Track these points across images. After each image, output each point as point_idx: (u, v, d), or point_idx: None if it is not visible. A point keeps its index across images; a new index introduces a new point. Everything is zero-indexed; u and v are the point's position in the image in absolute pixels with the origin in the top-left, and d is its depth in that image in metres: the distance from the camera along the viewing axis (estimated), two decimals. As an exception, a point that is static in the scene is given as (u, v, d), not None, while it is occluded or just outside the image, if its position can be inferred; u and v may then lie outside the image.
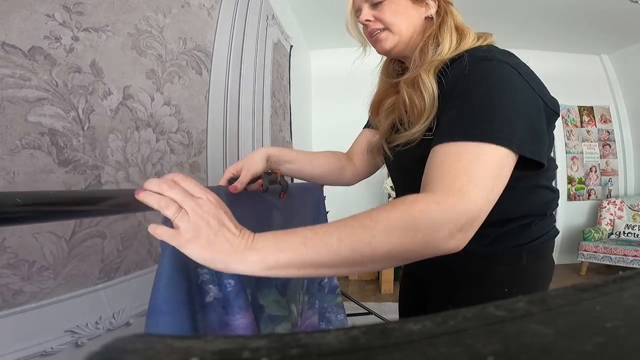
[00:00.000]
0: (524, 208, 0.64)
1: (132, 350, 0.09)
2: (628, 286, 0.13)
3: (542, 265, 0.68)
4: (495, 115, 0.50)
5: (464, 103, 0.53)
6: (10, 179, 0.78)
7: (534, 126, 0.52)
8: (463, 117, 0.52)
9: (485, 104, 0.51)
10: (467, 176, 0.46)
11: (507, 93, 0.52)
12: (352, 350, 0.10)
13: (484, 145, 0.48)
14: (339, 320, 1.22)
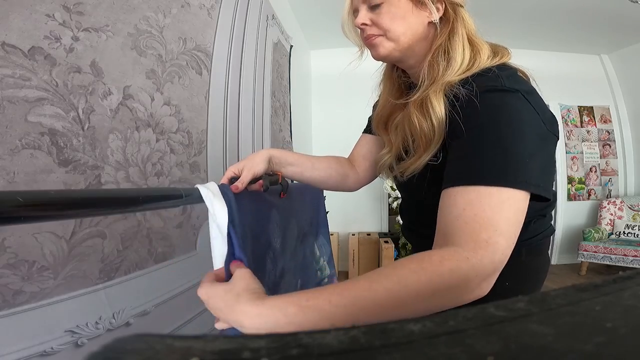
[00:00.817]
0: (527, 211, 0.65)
1: (132, 350, 0.09)
2: (628, 286, 0.13)
3: (539, 261, 0.71)
4: (512, 158, 0.48)
5: (477, 142, 0.51)
6: (10, 179, 0.78)
7: (544, 161, 0.52)
8: (478, 159, 0.50)
9: (500, 144, 0.50)
10: (493, 227, 0.45)
11: (519, 131, 0.50)
12: (352, 350, 0.10)
13: (506, 190, 0.47)
14: (339, 320, 1.22)
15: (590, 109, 4.03)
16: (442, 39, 0.61)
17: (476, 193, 0.47)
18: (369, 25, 0.65)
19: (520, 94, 0.53)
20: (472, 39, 0.62)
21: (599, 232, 3.52)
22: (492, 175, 0.48)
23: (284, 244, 0.92)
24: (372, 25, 0.65)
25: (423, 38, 0.64)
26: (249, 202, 0.75)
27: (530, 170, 0.49)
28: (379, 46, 0.65)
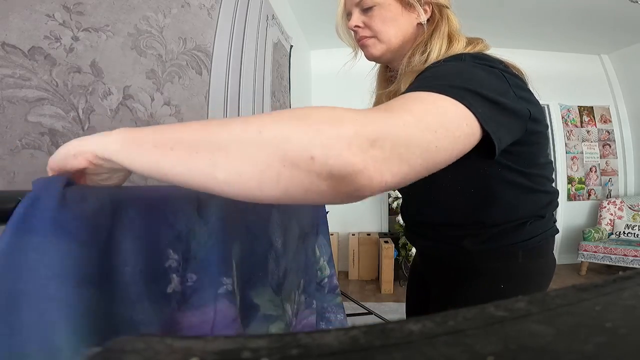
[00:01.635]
0: (520, 212, 0.63)
1: (132, 350, 0.09)
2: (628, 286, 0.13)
3: (540, 263, 0.68)
4: (456, 79, 0.44)
5: (424, 75, 0.51)
6: (10, 179, 0.78)
7: (498, 109, 0.46)
8: (419, 81, 0.47)
9: (448, 73, 0.48)
10: (400, 106, 0.37)
11: (475, 72, 0.48)
12: (352, 350, 0.10)
13: (434, 94, 0.40)
14: (338, 320, 1.22)
15: (590, 109, 4.04)
16: (423, 36, 0.64)
17: (419, 93, 0.41)
18: (361, 27, 0.67)
19: (482, 62, 0.52)
20: (452, 34, 0.64)
21: (599, 232, 3.52)
22: (425, 86, 0.42)
23: (286, 243, 0.91)
24: (364, 28, 0.67)
25: (412, 39, 0.66)
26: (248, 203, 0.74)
27: (472, 95, 0.42)
28: (371, 47, 0.68)
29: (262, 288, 0.76)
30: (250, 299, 0.72)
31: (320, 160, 0.29)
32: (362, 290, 3.20)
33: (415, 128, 0.35)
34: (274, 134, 0.30)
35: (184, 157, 0.31)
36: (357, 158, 0.30)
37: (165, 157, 0.32)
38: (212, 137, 0.32)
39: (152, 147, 0.33)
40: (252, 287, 0.73)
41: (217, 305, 0.50)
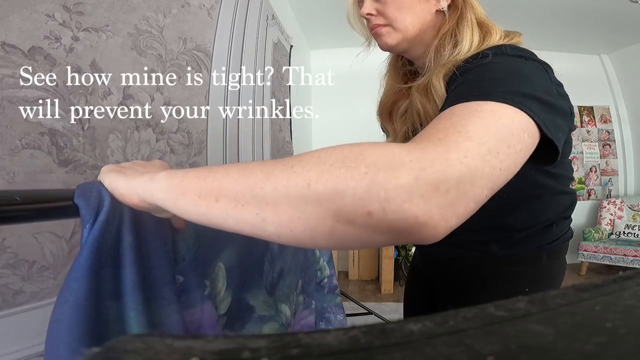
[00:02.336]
0: (548, 214, 0.62)
1: (132, 350, 0.09)
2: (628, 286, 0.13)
3: (558, 265, 0.67)
4: (511, 84, 0.40)
5: (471, 77, 0.45)
6: (10, 179, 0.78)
7: (552, 110, 0.41)
8: (468, 85, 0.43)
9: (495, 73, 0.44)
10: (456, 129, 0.32)
11: (525, 70, 0.45)
12: (352, 350, 0.10)
13: (490, 103, 0.36)
14: (338, 321, 1.22)
15: (590, 109, 4.04)
16: (449, 25, 0.59)
17: (450, 109, 0.37)
18: (374, 15, 0.62)
19: (525, 58, 0.49)
20: (482, 22, 0.60)
21: (599, 232, 3.52)
22: (477, 93, 0.38)
23: (283, 245, 0.91)
24: (377, 15, 0.62)
25: (431, 27, 0.61)
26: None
27: (530, 99, 0.38)
28: (385, 36, 0.63)
29: (257, 290, 0.77)
30: (247, 301, 0.72)
31: (379, 216, 0.26)
32: (362, 290, 3.20)
33: (477, 156, 0.30)
34: (325, 187, 0.27)
35: (231, 210, 0.30)
36: (420, 210, 0.26)
37: (211, 209, 0.31)
38: (257, 190, 0.29)
39: (197, 197, 0.31)
40: (248, 289, 0.73)
41: (204, 307, 0.50)
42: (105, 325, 0.36)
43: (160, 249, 0.43)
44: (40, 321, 0.84)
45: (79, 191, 0.35)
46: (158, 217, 0.43)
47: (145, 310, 0.38)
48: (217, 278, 0.60)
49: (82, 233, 0.34)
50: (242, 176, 0.30)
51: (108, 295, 0.36)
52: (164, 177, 0.34)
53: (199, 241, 0.54)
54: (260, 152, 2.13)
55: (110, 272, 0.36)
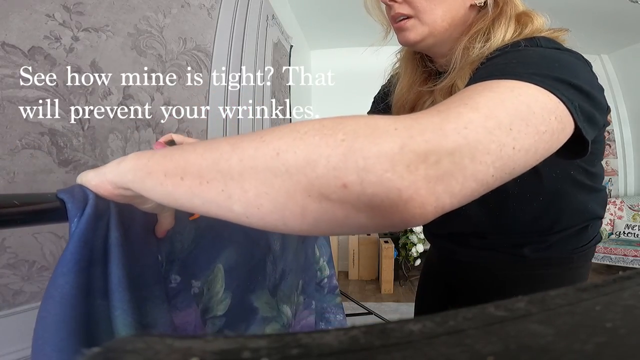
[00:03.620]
0: (582, 215, 0.59)
1: (132, 350, 0.09)
2: (628, 286, 0.13)
3: (586, 267, 0.65)
4: (542, 67, 0.36)
5: (496, 61, 0.41)
6: (10, 179, 0.78)
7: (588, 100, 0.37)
8: (491, 67, 0.40)
9: (526, 56, 0.39)
10: (462, 102, 0.28)
11: (561, 57, 0.40)
12: (352, 350, 0.10)
13: (511, 81, 0.32)
14: (338, 321, 1.22)
15: (590, 109, 4.04)
16: (485, 22, 0.51)
17: (489, 82, 0.32)
18: (398, 2, 0.52)
19: (562, 50, 0.44)
20: (523, 13, 0.53)
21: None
22: (502, 72, 0.34)
23: (284, 245, 0.91)
24: (402, 3, 0.52)
25: (462, 22, 0.53)
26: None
27: (561, 83, 0.34)
28: (410, 31, 0.53)
29: (261, 291, 0.77)
30: (251, 302, 0.73)
31: (356, 189, 0.23)
32: (362, 290, 3.20)
33: (481, 128, 0.26)
34: (295, 156, 0.24)
35: (196, 187, 0.27)
36: (404, 181, 0.23)
37: (177, 187, 0.28)
38: (222, 163, 0.26)
39: (163, 176, 0.29)
40: (252, 291, 0.73)
41: (193, 307, 0.50)
42: (92, 324, 0.35)
43: (149, 247, 0.43)
44: (40, 321, 0.84)
45: (63, 189, 0.34)
46: (146, 215, 0.42)
47: (132, 310, 0.37)
48: (215, 279, 0.60)
49: (69, 227, 0.33)
50: (208, 150, 0.27)
51: (95, 292, 0.35)
52: (131, 158, 0.32)
53: (196, 242, 0.54)
54: (260, 152, 2.13)
55: (97, 269, 0.35)
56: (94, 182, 0.34)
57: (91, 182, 0.34)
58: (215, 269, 0.60)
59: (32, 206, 0.34)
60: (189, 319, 0.48)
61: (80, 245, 0.33)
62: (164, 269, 0.45)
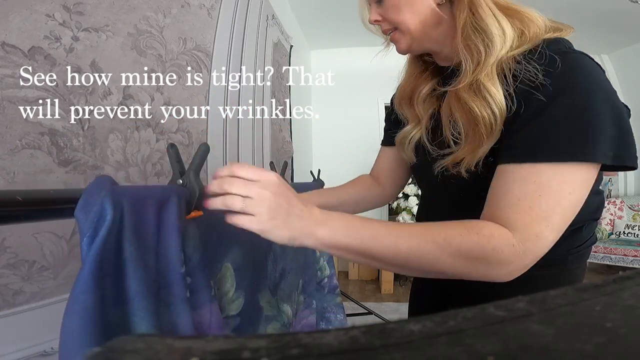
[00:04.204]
0: (580, 216, 0.59)
1: (132, 350, 0.09)
2: (628, 286, 0.13)
3: (581, 268, 0.66)
4: (586, 127, 0.43)
5: (551, 115, 0.45)
6: (10, 179, 0.78)
7: (624, 129, 0.45)
8: (549, 134, 0.45)
9: (578, 115, 0.44)
10: (546, 221, 0.44)
11: (599, 98, 0.45)
12: (352, 350, 0.10)
13: (567, 166, 0.44)
14: (338, 320, 1.23)
15: (590, 109, 4.03)
16: (463, 17, 0.54)
17: (536, 174, 0.44)
18: (380, 20, 0.62)
19: (591, 60, 0.49)
20: (506, 7, 0.54)
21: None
22: (557, 151, 0.43)
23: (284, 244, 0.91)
24: (383, 20, 0.62)
25: (437, 22, 0.58)
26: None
27: (606, 141, 0.43)
28: (398, 42, 0.62)
29: (264, 290, 0.77)
30: (258, 301, 0.73)
31: (493, 277, 0.47)
32: (362, 290, 3.20)
33: (553, 238, 0.46)
34: (456, 268, 0.46)
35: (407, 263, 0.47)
36: (505, 278, 0.47)
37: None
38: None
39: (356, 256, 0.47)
40: (258, 290, 0.73)
41: (212, 307, 0.50)
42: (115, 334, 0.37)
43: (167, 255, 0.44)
44: (40, 321, 0.84)
45: (81, 203, 0.37)
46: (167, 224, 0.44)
47: (150, 316, 0.39)
48: (224, 278, 0.60)
49: (81, 245, 0.36)
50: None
51: (114, 303, 0.38)
52: (325, 239, 0.45)
53: (204, 242, 0.54)
54: (260, 152, 2.13)
55: (113, 282, 0.38)
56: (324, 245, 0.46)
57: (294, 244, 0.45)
58: (223, 268, 0.60)
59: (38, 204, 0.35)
60: (204, 319, 0.49)
61: (97, 266, 0.35)
62: (184, 270, 0.45)
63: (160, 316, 0.41)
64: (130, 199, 0.40)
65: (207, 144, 0.52)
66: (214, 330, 0.49)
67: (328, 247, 0.44)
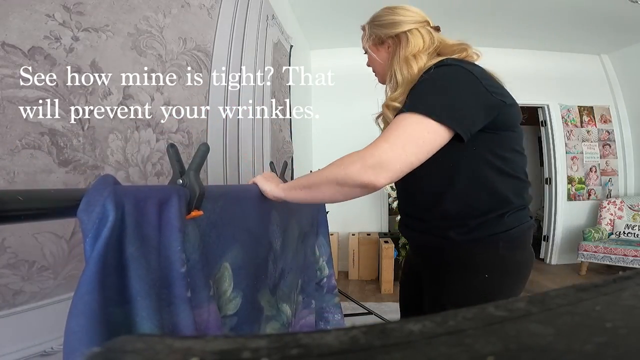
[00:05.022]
0: (502, 202, 0.72)
1: (132, 350, 0.09)
2: (628, 286, 0.13)
3: (521, 254, 0.74)
4: (424, 95, 0.67)
5: (410, 94, 0.71)
6: (10, 179, 0.78)
7: (464, 105, 0.66)
8: (409, 97, 0.70)
9: (422, 90, 0.69)
10: (382, 137, 0.64)
11: (442, 82, 0.68)
12: (352, 350, 0.10)
13: (406, 114, 0.65)
14: (336, 320, 1.23)
15: (590, 109, 4.03)
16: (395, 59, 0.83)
17: (397, 119, 0.66)
18: (368, 64, 0.92)
19: (458, 65, 0.69)
20: (411, 56, 0.80)
21: (599, 232, 3.52)
22: (408, 106, 0.66)
23: (284, 244, 0.91)
24: (372, 67, 0.91)
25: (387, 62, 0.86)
26: (251, 205, 0.75)
27: (434, 104, 0.65)
28: (379, 81, 0.92)
29: (264, 290, 0.77)
30: (258, 301, 0.73)
31: (352, 182, 0.64)
32: (362, 290, 3.20)
33: (390, 152, 0.63)
34: (334, 177, 0.66)
35: (307, 193, 0.72)
36: (364, 178, 0.63)
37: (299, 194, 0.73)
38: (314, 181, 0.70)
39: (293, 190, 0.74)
40: (258, 290, 0.73)
41: (210, 307, 0.50)
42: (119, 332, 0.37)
43: (168, 255, 0.44)
44: (40, 321, 0.84)
45: (83, 204, 0.37)
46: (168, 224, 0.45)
47: (152, 315, 0.39)
48: (222, 278, 0.60)
49: (84, 246, 0.37)
50: (311, 177, 0.72)
51: (118, 304, 0.38)
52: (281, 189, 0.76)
53: (204, 241, 0.54)
54: (260, 152, 2.13)
55: (116, 282, 0.38)
56: (270, 195, 0.77)
57: (268, 194, 0.77)
58: (221, 268, 0.60)
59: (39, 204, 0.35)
60: (201, 319, 0.49)
61: (100, 266, 0.36)
62: (185, 269, 0.45)
63: (163, 316, 0.42)
64: (131, 199, 0.40)
65: (207, 144, 0.52)
66: (212, 330, 0.49)
67: (284, 196, 0.74)
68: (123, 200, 0.39)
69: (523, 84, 3.94)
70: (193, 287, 0.48)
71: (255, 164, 2.03)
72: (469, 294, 0.72)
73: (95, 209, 0.37)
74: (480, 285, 0.72)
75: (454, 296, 0.75)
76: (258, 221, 0.77)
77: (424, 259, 0.85)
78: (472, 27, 3.32)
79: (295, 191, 0.72)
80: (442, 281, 0.77)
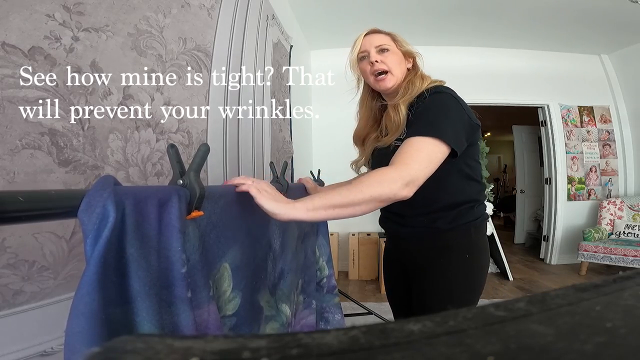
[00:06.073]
0: (464, 195, 0.93)
1: (132, 350, 0.09)
2: (628, 286, 0.13)
3: (483, 240, 0.97)
4: (437, 123, 0.81)
5: (423, 118, 0.85)
6: (10, 179, 0.78)
7: (458, 130, 0.84)
8: (420, 124, 0.83)
9: (433, 117, 0.83)
10: (411, 158, 0.77)
11: (445, 110, 0.84)
12: (352, 350, 0.10)
13: (425, 138, 0.79)
14: (336, 320, 1.23)
15: (590, 109, 4.03)
16: (411, 76, 0.98)
17: (412, 140, 0.80)
18: (379, 62, 0.96)
19: (450, 94, 0.88)
20: (423, 75, 0.98)
21: (599, 232, 3.52)
22: (422, 131, 0.80)
23: (284, 244, 0.91)
24: (381, 62, 0.96)
25: (404, 77, 0.99)
26: (249, 205, 0.74)
27: (446, 131, 0.80)
28: (387, 81, 0.97)
29: (264, 290, 0.77)
30: (258, 302, 0.73)
31: (394, 198, 0.73)
32: (362, 290, 3.20)
33: (419, 171, 0.76)
34: (378, 195, 0.71)
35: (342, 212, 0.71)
36: (403, 193, 0.73)
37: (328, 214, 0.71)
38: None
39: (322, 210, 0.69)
40: (257, 290, 0.73)
41: (210, 307, 0.50)
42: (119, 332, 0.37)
43: (169, 255, 0.44)
44: (40, 321, 0.84)
45: (84, 204, 0.37)
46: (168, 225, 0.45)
47: (152, 315, 0.39)
48: (221, 278, 0.60)
49: (84, 247, 0.37)
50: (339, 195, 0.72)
51: (118, 305, 0.38)
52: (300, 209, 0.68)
53: (204, 241, 0.54)
54: (261, 152, 2.13)
55: (116, 282, 0.38)
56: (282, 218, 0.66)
57: (279, 217, 0.66)
58: (221, 268, 0.60)
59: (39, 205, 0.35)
60: (201, 320, 0.49)
61: (101, 266, 0.36)
62: (185, 270, 0.45)
63: (163, 316, 0.42)
64: (132, 200, 0.40)
65: (207, 144, 0.52)
66: (212, 330, 0.49)
67: (306, 212, 0.68)
68: (123, 201, 0.39)
69: (523, 84, 3.94)
70: (193, 287, 0.48)
71: (255, 164, 2.03)
72: (456, 271, 0.91)
73: (96, 210, 0.37)
74: (463, 265, 0.92)
75: (441, 273, 0.93)
76: (258, 221, 0.77)
77: (408, 248, 1.01)
78: (472, 27, 3.32)
79: (324, 211, 0.68)
80: (430, 265, 0.94)
